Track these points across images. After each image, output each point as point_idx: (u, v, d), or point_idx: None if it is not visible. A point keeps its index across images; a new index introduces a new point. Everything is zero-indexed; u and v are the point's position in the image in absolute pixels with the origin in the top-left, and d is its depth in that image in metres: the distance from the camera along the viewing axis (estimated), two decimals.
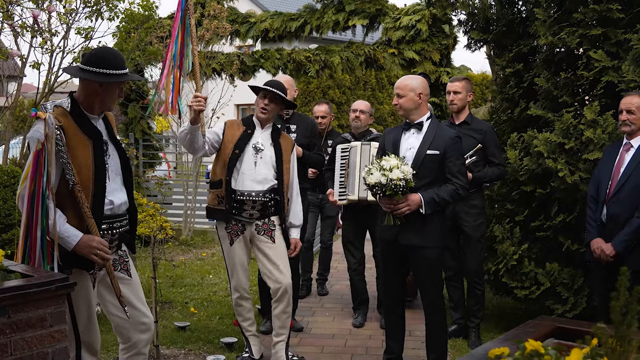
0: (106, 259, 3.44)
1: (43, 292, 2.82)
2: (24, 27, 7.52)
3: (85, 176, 3.44)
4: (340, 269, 8.67)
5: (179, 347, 5.60)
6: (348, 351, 5.61)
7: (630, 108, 4.65)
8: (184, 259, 9.43)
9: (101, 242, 3.41)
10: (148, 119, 11.49)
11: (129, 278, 3.78)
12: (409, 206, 4.42)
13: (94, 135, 3.53)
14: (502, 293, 6.23)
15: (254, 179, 4.93)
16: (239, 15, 10.99)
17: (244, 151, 4.95)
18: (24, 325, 2.80)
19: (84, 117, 3.54)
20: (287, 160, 5.08)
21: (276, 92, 4.98)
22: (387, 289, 4.86)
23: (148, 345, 3.91)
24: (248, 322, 5.24)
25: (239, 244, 5.04)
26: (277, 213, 5.04)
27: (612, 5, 5.27)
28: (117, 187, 3.65)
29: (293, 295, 5.15)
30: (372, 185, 4.34)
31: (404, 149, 4.63)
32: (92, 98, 3.57)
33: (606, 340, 1.60)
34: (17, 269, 3.05)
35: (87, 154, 3.46)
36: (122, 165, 3.72)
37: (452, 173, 4.56)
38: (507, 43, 6.29)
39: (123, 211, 3.70)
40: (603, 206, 4.78)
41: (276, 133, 5.12)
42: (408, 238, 4.55)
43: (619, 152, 4.79)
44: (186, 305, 6.94)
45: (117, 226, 3.65)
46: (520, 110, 6.04)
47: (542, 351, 1.60)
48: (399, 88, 4.65)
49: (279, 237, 5.06)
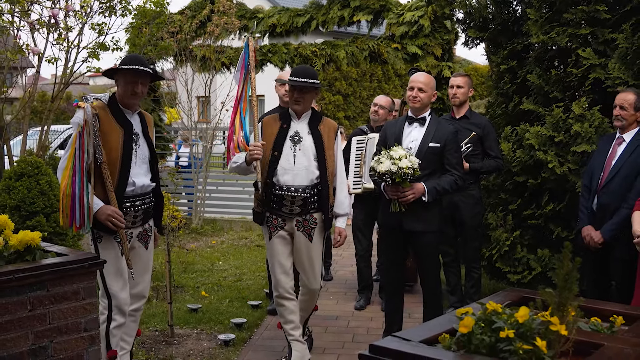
0: (118, 226, 4.00)
1: (77, 269, 3.21)
2: (42, 24, 7.83)
3: (113, 157, 4.07)
4: (344, 256, 9.03)
5: (191, 327, 5.98)
6: (350, 331, 5.97)
7: (622, 104, 4.94)
8: (194, 246, 9.80)
9: (116, 211, 3.99)
10: (159, 112, 11.83)
11: (145, 250, 4.40)
12: (414, 194, 4.79)
13: (126, 126, 4.17)
14: (496, 277, 6.58)
15: (293, 172, 4.67)
16: (247, 11, 11.32)
17: (282, 149, 4.72)
18: (61, 298, 3.18)
19: (119, 110, 4.20)
20: (330, 147, 4.79)
21: (304, 83, 4.69)
22: (388, 272, 5.24)
23: (140, 312, 4.53)
24: (290, 326, 4.85)
25: (278, 239, 4.80)
26: (320, 209, 4.77)
27: (599, 7, 5.59)
28: (141, 173, 4.26)
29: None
30: (382, 173, 4.69)
31: (407, 142, 5.00)
32: (118, 93, 4.25)
33: (552, 302, 1.96)
34: (52, 249, 3.43)
35: (118, 140, 4.09)
36: (150, 156, 4.36)
37: (452, 164, 4.95)
38: (502, 41, 6.61)
39: (146, 192, 4.30)
40: (595, 195, 5.09)
41: (315, 120, 4.83)
42: (411, 224, 4.92)
43: (612, 145, 5.09)
44: (197, 290, 7.30)
45: (140, 204, 4.25)
46: (514, 104, 6.37)
47: (500, 310, 1.96)
48: (422, 83, 4.99)
49: (318, 236, 4.83)
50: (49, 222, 5.92)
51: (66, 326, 3.21)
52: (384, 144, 5.04)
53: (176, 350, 5.37)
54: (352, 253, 7.12)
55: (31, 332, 3.10)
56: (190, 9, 11.38)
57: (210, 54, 10.73)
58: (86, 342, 3.31)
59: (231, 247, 9.92)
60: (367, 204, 6.53)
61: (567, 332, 1.89)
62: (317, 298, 5.13)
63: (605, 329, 2.26)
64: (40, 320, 3.12)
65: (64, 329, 3.21)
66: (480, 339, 1.90)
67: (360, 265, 6.78)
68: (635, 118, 4.93)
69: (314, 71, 4.82)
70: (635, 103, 4.89)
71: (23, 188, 5.91)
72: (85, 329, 3.30)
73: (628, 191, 4.84)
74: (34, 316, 3.10)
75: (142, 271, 4.40)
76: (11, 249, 3.25)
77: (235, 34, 11.02)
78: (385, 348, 1.92)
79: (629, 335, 2.11)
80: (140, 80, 4.18)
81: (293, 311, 4.86)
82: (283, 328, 4.93)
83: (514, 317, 1.89)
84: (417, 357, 1.86)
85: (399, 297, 5.26)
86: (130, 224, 4.23)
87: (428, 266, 5.04)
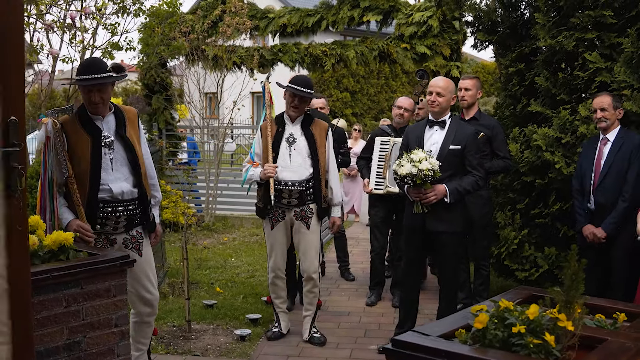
0: (86, 240, 3.99)
1: (109, 268, 3.39)
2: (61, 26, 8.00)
3: (84, 167, 4.07)
4: (355, 252, 9.19)
5: (207, 322, 6.16)
6: (362, 327, 6.15)
7: (603, 106, 5.25)
8: (206, 243, 9.99)
9: (81, 225, 4.00)
10: (171, 110, 12.00)
11: (139, 257, 4.31)
12: (435, 195, 4.96)
13: (94, 133, 4.14)
14: (504, 275, 6.74)
15: (289, 170, 5.37)
16: (258, 11, 11.48)
17: (279, 150, 5.42)
18: (94, 295, 3.37)
19: (88, 118, 4.17)
20: (322, 145, 5.47)
21: (305, 93, 5.35)
22: (408, 270, 5.43)
23: (152, 317, 4.52)
24: (280, 300, 5.77)
25: (279, 229, 5.53)
26: (315, 200, 5.46)
27: (605, 12, 5.73)
28: (120, 177, 4.20)
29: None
30: (404, 176, 4.87)
31: (429, 145, 5.17)
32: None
33: (560, 300, 2.13)
34: (84, 249, 3.61)
35: (87, 148, 4.10)
36: (129, 158, 4.24)
37: (472, 165, 5.12)
38: (511, 44, 6.75)
39: (128, 198, 4.22)
40: (589, 196, 5.36)
41: (307, 122, 5.50)
42: (434, 225, 5.09)
43: (597, 147, 5.35)
44: (212, 286, 7.48)
45: (122, 210, 4.19)
46: (522, 106, 6.52)
47: (512, 308, 2.14)
48: (441, 88, 5.16)
49: (315, 225, 5.52)
50: None
51: (98, 322, 3.40)
52: (407, 148, 5.20)
53: (194, 345, 5.56)
54: (362, 250, 7.28)
55: (66, 328, 3.28)
56: (202, 9, 11.54)
57: (221, 53, 10.90)
58: (117, 337, 3.50)
59: (242, 244, 10.11)
60: (386, 204, 6.74)
61: (574, 328, 2.06)
62: (319, 291, 5.75)
63: (609, 325, 2.43)
64: (75, 316, 3.30)
65: (96, 324, 3.39)
66: (494, 334, 2.08)
67: (375, 262, 6.98)
68: (616, 116, 5.25)
69: (311, 81, 5.49)
70: (613, 103, 5.23)
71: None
72: (116, 325, 3.49)
73: (622, 187, 5.15)
74: (68, 312, 3.28)
75: (140, 277, 4.32)
76: (45, 248, 3.43)
77: (247, 33, 11.18)
78: (407, 342, 2.09)
79: (631, 331, 2.28)
80: (96, 88, 4.05)
81: (283, 289, 5.76)
82: (273, 302, 5.82)
83: (525, 314, 2.07)
84: (436, 350, 2.03)
85: (415, 294, 5.47)
86: (111, 229, 4.20)
87: (449, 265, 5.24)
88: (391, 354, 2.13)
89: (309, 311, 5.72)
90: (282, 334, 5.76)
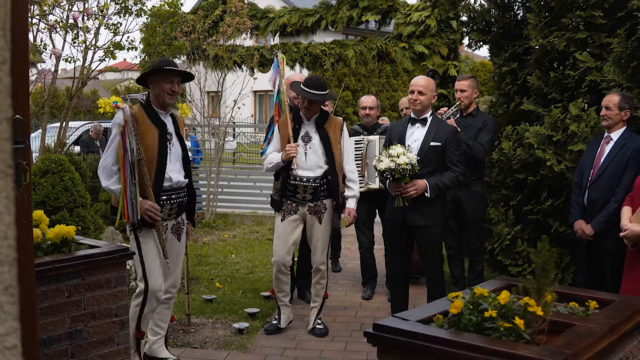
0: (155, 219, 4.34)
1: (109, 260, 3.53)
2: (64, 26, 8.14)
3: (150, 155, 4.40)
4: (352, 249, 9.31)
5: (207, 316, 6.30)
6: (358, 321, 6.29)
7: (608, 105, 5.28)
8: (207, 239, 10.13)
9: (153, 205, 4.33)
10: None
11: (177, 241, 4.76)
12: (416, 189, 5.11)
13: (160, 126, 4.50)
14: (498, 270, 6.87)
15: (305, 167, 5.52)
16: (258, 11, 11.62)
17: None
18: (94, 286, 3.51)
19: (153, 111, 4.55)
20: (337, 142, 5.58)
21: (314, 95, 5.43)
22: (393, 265, 5.57)
23: (172, 300, 4.89)
24: (282, 294, 5.89)
25: (289, 221, 5.64)
26: (330, 195, 5.58)
27: (595, 12, 5.86)
28: (175, 169, 4.63)
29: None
30: (383, 171, 5.03)
31: (410, 141, 5.33)
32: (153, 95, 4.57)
33: (531, 287, 2.26)
34: (84, 241, 3.76)
35: (154, 139, 4.42)
36: (183, 155, 4.74)
37: (452, 162, 5.26)
38: (504, 44, 6.88)
39: (180, 187, 4.68)
40: (585, 191, 5.42)
41: (322, 119, 5.62)
42: (414, 219, 5.24)
43: (600, 144, 5.42)
44: (212, 281, 7.62)
45: (175, 197, 4.64)
46: (515, 105, 6.65)
47: (486, 294, 2.27)
48: (422, 87, 5.31)
49: (327, 219, 5.64)
50: (73, 217, 6.25)
51: (99, 312, 3.54)
52: (390, 144, 5.35)
53: (193, 338, 5.69)
54: (358, 245, 7.40)
55: (68, 317, 3.42)
56: (203, 9, 11.68)
57: (222, 52, 11.03)
58: (117, 326, 3.64)
59: (243, 241, 10.24)
60: (368, 200, 6.88)
61: (543, 313, 2.20)
62: (327, 282, 5.87)
63: (581, 312, 2.57)
64: (76, 306, 3.45)
65: (97, 314, 3.53)
66: (468, 319, 2.21)
67: (365, 256, 7.14)
68: (620, 117, 5.25)
69: (323, 83, 5.57)
70: (619, 104, 5.23)
71: (47, 184, 6.25)
72: (116, 315, 3.63)
73: (616, 187, 5.20)
74: (70, 302, 3.42)
75: (175, 261, 4.75)
76: (48, 241, 3.57)
77: (247, 33, 11.32)
78: (387, 326, 2.23)
79: (600, 317, 2.41)
80: (176, 80, 4.51)
81: (286, 283, 5.85)
82: (275, 295, 5.94)
83: (497, 300, 2.20)
84: (413, 333, 2.16)
85: (403, 287, 5.59)
86: (166, 216, 4.59)
87: (431, 259, 5.36)
88: (372, 337, 2.27)
89: (315, 302, 5.87)
90: (279, 327, 5.88)
